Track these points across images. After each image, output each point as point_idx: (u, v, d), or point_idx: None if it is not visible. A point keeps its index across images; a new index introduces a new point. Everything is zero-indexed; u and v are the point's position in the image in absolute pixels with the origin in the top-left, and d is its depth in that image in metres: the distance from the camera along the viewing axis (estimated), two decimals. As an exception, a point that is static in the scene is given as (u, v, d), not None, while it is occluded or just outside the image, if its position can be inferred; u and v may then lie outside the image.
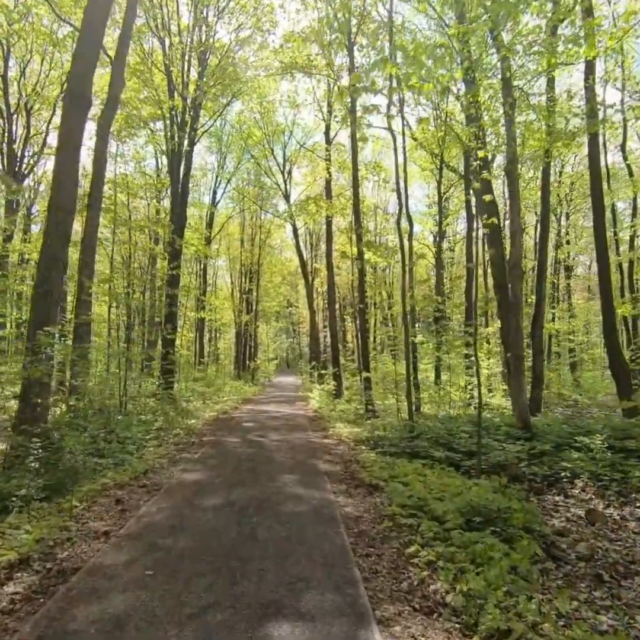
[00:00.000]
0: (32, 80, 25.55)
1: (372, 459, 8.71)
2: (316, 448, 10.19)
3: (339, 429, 12.56)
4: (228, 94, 22.67)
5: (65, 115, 9.98)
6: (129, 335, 17.55)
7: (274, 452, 9.68)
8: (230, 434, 11.93)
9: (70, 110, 9.90)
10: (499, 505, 5.92)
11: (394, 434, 10.87)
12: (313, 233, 40.00)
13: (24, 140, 25.41)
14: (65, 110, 10.06)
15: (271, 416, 15.76)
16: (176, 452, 9.77)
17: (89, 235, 13.57)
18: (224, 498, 6.47)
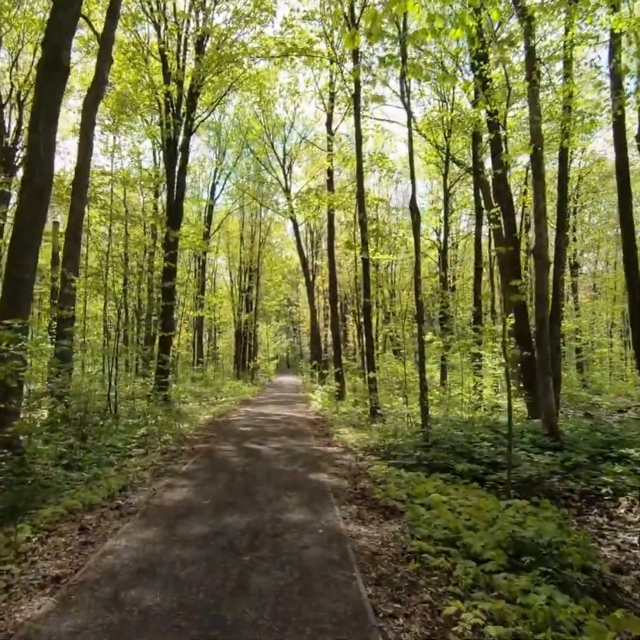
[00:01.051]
0: (24, 71, 24.33)
1: (384, 472, 7.50)
2: (320, 458, 8.97)
3: (344, 435, 11.35)
4: (226, 82, 21.46)
5: (40, 85, 8.79)
6: (119, 333, 16.33)
7: (273, 463, 8.46)
8: (225, 441, 10.72)
9: (46, 79, 8.70)
10: (548, 539, 4.72)
11: (406, 441, 9.67)
12: (314, 230, 38.80)
13: (15, 133, 24.25)
14: (39, 80, 8.86)
15: (270, 419, 14.55)
16: (162, 462, 8.55)
17: (73, 224, 12.40)
18: (211, 527, 5.25)
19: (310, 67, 22.47)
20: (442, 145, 23.25)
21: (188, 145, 19.87)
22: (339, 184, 24.19)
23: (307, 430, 12.39)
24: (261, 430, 12.18)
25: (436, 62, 21.80)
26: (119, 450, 9.07)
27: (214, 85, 20.84)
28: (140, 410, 14.78)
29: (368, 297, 14.47)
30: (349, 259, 34.25)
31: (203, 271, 31.87)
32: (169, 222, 18.14)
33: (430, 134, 23.19)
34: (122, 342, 26.39)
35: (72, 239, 12.33)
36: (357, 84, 16.18)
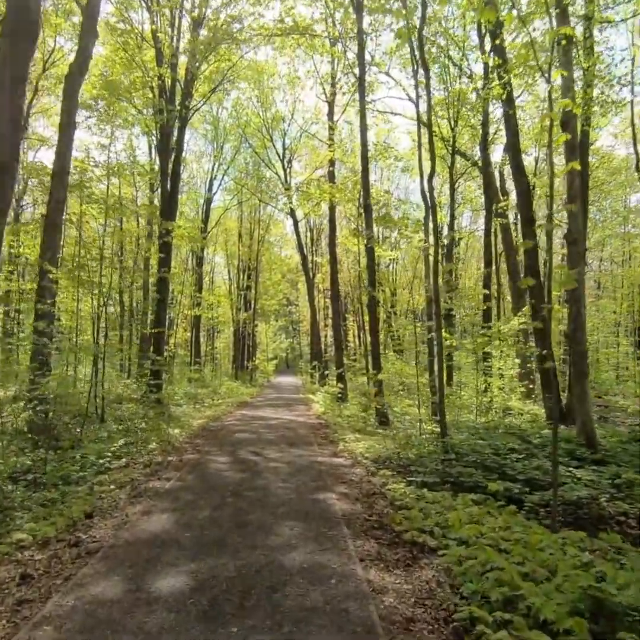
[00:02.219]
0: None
1: (403, 492, 6.21)
2: (325, 472, 7.67)
3: (351, 443, 10.07)
4: (223, 70, 20.22)
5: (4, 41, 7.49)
6: (107, 331, 15.02)
7: (271, 479, 7.16)
8: (218, 450, 9.42)
9: (11, 38, 7.42)
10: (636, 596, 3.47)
11: (422, 451, 8.39)
12: (314, 228, 37.49)
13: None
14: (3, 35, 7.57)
15: (269, 424, 13.25)
16: (143, 477, 7.26)
17: (53, 211, 11.14)
18: (190, 576, 3.96)
19: (311, 53, 21.27)
20: (448, 137, 22.07)
21: (183, 134, 18.62)
22: (340, 179, 22.90)
23: (309, 437, 11.10)
24: (258, 437, 10.88)
25: (442, 51, 20.68)
26: (96, 463, 7.79)
27: (210, 70, 19.59)
28: (129, 414, 13.56)
29: (374, 288, 13.19)
30: (349, 256, 33.01)
31: (200, 268, 30.56)
32: (163, 214, 16.89)
33: (436, 126, 21.99)
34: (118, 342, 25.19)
35: (51, 228, 11.10)
36: (362, 65, 14.94)
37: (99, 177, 15.01)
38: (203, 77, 20.42)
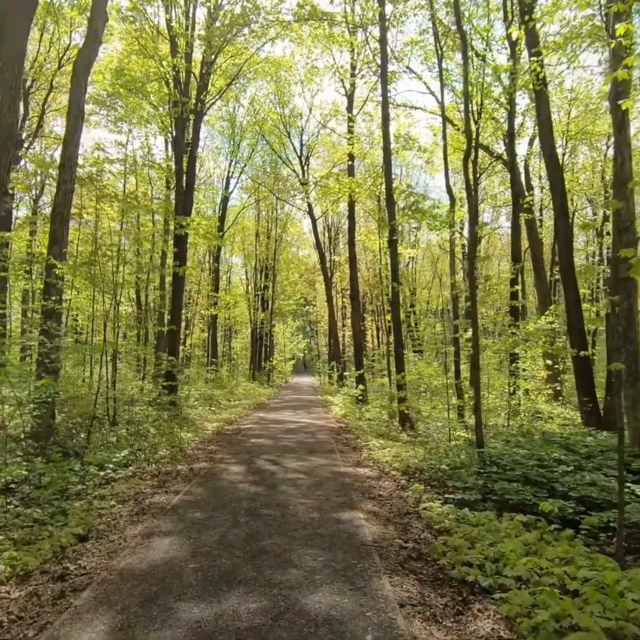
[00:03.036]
0: (30, 57, 22.62)
1: (440, 511, 5.37)
2: (350, 485, 6.85)
3: (375, 450, 9.25)
4: (238, 64, 19.55)
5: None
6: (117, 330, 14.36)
7: (290, 493, 6.37)
8: (232, 457, 8.65)
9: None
10: None
11: (455, 461, 7.53)
12: (332, 226, 36.65)
13: (20, 122, 22.60)
14: None
15: (287, 428, 12.47)
16: (150, 490, 6.53)
17: (61, 203, 10.47)
18: (192, 626, 3.18)
19: (330, 44, 20.48)
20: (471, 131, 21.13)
21: (198, 128, 17.96)
22: (359, 175, 22.04)
23: (330, 443, 10.28)
24: (276, 444, 10.09)
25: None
26: (100, 473, 7.08)
27: (226, 64, 18.95)
28: (141, 417, 12.92)
29: (397, 281, 12.34)
30: (368, 255, 32.18)
31: (217, 268, 29.94)
32: (178, 210, 16.27)
33: (459, 120, 21.09)
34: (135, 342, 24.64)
35: (58, 220, 10.42)
36: (384, 52, 14.11)
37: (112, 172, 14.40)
38: (219, 70, 19.79)
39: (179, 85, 16.53)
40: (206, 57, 16.91)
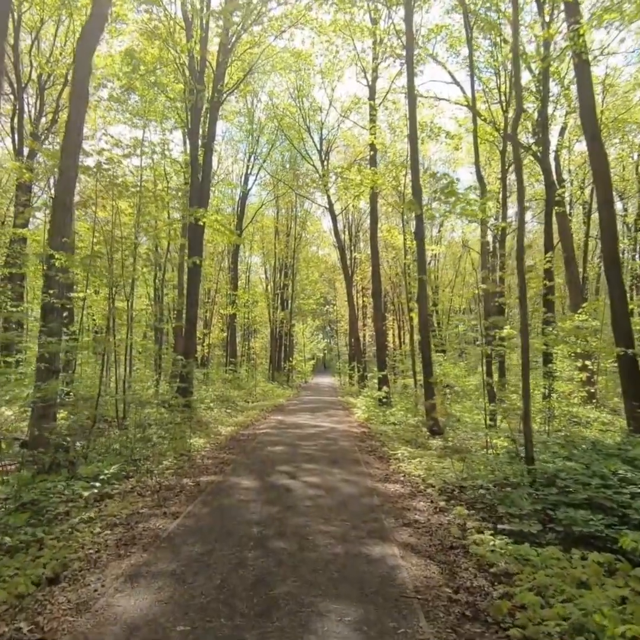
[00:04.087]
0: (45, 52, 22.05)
1: (494, 547, 4.29)
2: (380, 506, 5.76)
3: (404, 460, 8.17)
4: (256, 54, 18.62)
5: None
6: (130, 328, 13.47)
7: (309, 516, 5.32)
8: (244, 469, 7.65)
9: None
10: None
11: (498, 476, 6.41)
12: (352, 224, 35.54)
13: (36, 117, 22.05)
14: None
15: (306, 433, 11.43)
16: (146, 510, 5.56)
17: (63, 190, 9.63)
18: None
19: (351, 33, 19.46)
20: (499, 122, 19.94)
21: (215, 119, 17.06)
22: (382, 168, 20.92)
23: (353, 452, 9.21)
24: (294, 452, 9.06)
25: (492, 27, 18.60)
26: (95, 486, 6.14)
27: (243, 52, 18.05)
28: (153, 420, 12.06)
29: (424, 273, 11.27)
30: (389, 254, 31.00)
31: (235, 266, 29.08)
32: (193, 203, 15.40)
33: (488, 112, 19.86)
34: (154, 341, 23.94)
35: (60, 209, 9.55)
36: (409, 33, 13.02)
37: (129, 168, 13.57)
38: (236, 61, 18.89)
39: (194, 73, 15.65)
40: (222, 41, 15.99)
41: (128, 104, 20.98)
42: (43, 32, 21.47)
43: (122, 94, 20.77)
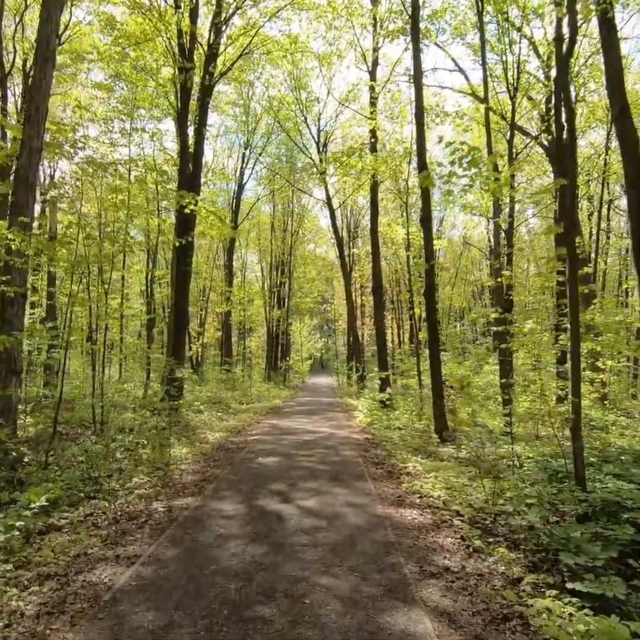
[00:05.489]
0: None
1: (561, 614, 2.98)
2: (396, 545, 4.39)
3: (419, 476, 6.85)
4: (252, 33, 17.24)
5: None
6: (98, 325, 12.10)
7: (306, 562, 3.97)
8: (229, 488, 6.30)
9: None
10: None
11: (540, 501, 5.09)
12: (351, 219, 34.14)
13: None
14: None
15: (303, 441, 10.08)
16: (96, 550, 4.23)
17: (25, 164, 8.31)
18: None
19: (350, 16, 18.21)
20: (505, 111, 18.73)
21: (207, 104, 15.68)
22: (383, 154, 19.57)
23: (358, 465, 7.85)
24: (288, 464, 7.71)
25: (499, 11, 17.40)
26: (36, 514, 4.82)
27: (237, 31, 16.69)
28: (134, 424, 10.77)
29: (433, 258, 10.01)
30: (389, 250, 29.67)
31: (230, 263, 27.72)
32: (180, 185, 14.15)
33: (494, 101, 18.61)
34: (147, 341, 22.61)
35: (22, 185, 8.25)
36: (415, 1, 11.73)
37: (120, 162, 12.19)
38: (230, 42, 17.50)
39: (182, 51, 14.33)
40: (214, 20, 14.66)
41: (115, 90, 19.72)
42: (28, 17, 20.15)
43: (110, 80, 19.52)
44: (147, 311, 21.61)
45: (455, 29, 19.05)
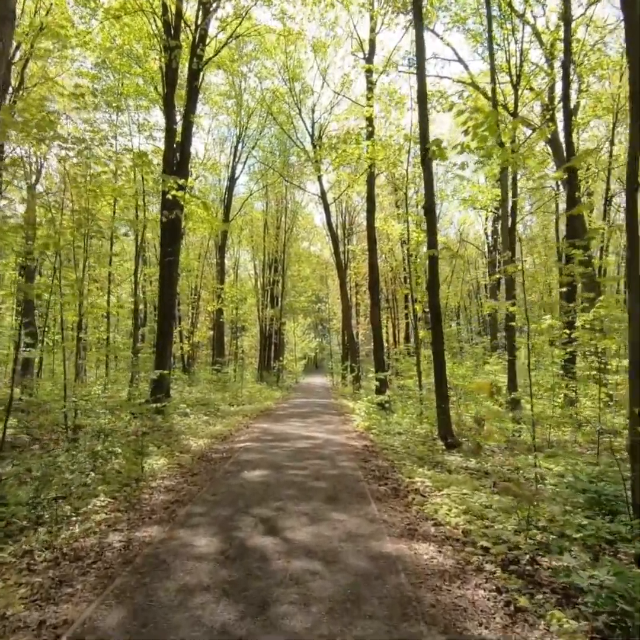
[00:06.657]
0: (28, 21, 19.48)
1: None
2: (412, 600, 3.33)
3: (430, 495, 5.80)
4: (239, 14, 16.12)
5: None
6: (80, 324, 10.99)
7: (295, 629, 2.93)
8: (205, 513, 5.19)
9: None
10: None
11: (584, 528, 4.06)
12: (345, 216, 33.04)
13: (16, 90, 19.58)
14: None
15: (295, 449, 8.98)
16: (20, 610, 3.14)
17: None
18: None
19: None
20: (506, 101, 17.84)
21: (194, 89, 14.54)
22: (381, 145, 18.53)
23: (358, 480, 6.76)
24: (277, 480, 6.61)
25: None
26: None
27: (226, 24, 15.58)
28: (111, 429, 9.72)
29: (435, 245, 8.99)
30: (384, 247, 28.68)
31: (222, 260, 26.60)
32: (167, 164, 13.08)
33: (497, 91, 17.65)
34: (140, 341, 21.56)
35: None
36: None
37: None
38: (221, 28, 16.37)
39: (168, 29, 13.25)
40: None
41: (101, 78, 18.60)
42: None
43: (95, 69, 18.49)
44: (134, 309, 20.47)
45: (456, 14, 18.14)
